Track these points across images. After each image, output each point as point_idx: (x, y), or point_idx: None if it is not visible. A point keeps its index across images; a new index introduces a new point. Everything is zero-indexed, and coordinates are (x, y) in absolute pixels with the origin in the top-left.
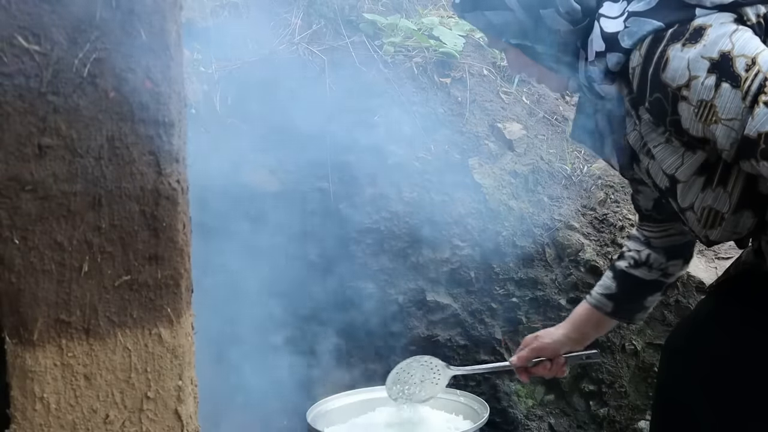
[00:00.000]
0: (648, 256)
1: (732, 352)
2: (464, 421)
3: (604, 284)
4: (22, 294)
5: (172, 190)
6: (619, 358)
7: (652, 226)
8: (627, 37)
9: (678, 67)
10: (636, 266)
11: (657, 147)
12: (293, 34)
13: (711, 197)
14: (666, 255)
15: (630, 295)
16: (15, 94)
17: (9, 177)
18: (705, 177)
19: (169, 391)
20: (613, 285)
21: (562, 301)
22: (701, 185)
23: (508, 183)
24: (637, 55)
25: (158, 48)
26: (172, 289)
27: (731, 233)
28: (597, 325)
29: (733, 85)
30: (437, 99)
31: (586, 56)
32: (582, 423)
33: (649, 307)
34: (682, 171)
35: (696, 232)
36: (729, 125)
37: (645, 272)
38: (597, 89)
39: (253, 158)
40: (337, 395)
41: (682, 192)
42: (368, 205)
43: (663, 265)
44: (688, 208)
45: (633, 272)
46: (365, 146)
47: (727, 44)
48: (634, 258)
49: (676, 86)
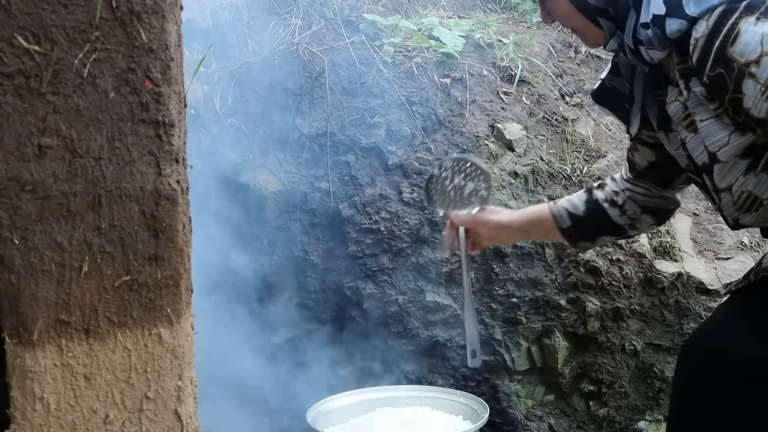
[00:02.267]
0: (625, 202)
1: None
2: (464, 421)
3: (573, 202)
4: (22, 294)
5: (172, 190)
6: (619, 359)
7: (638, 183)
8: (694, 3)
9: (750, 42)
10: (611, 205)
11: (704, 122)
12: (293, 34)
13: (753, 182)
14: (642, 209)
15: (591, 225)
16: (15, 94)
17: (9, 177)
18: (749, 160)
19: (168, 392)
20: (582, 208)
21: (562, 301)
22: (744, 168)
23: (508, 183)
24: (703, 24)
25: (158, 48)
26: (172, 290)
27: (765, 220)
28: (544, 232)
29: None
30: (437, 99)
31: (637, 16)
32: (582, 423)
33: (598, 243)
34: (725, 151)
35: (726, 213)
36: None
37: (616, 214)
38: (643, 53)
39: (253, 158)
40: (337, 395)
41: (721, 172)
42: (368, 205)
43: (636, 216)
44: (725, 189)
45: (606, 208)
46: (365, 146)
47: None
48: (612, 197)
49: (744, 62)
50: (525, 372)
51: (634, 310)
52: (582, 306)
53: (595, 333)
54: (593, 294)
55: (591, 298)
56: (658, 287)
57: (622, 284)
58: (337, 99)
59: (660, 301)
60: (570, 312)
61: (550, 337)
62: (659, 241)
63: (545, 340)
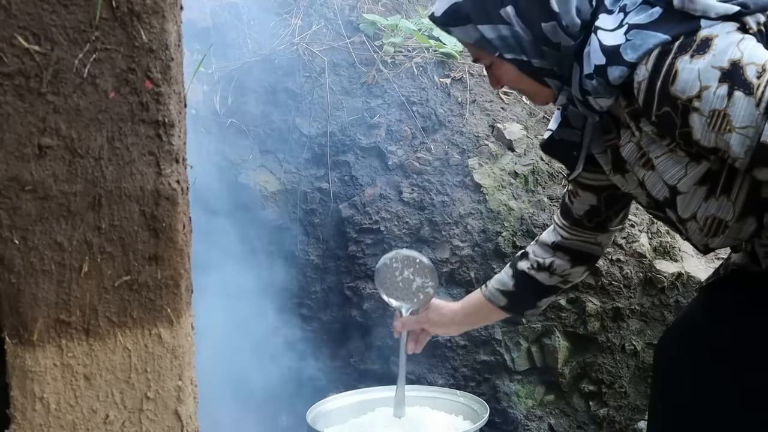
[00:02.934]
0: (552, 263)
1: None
2: (464, 421)
3: (501, 280)
4: (22, 294)
5: (172, 190)
6: (618, 359)
7: (574, 230)
8: (630, 50)
9: (688, 79)
10: (538, 270)
11: (659, 158)
12: (293, 34)
13: (714, 206)
14: (572, 261)
15: (525, 295)
16: (15, 94)
17: (9, 177)
18: (707, 186)
19: (168, 392)
20: (510, 283)
21: (562, 301)
22: (703, 195)
23: (508, 183)
24: (643, 68)
25: (158, 48)
26: (172, 290)
27: (733, 239)
28: (486, 316)
29: (746, 92)
30: (437, 99)
31: (581, 69)
32: (582, 423)
33: (541, 307)
34: (684, 181)
35: (695, 241)
36: (743, 133)
37: (545, 277)
38: (592, 102)
39: (253, 158)
40: (336, 395)
41: (683, 202)
42: (368, 205)
43: (566, 272)
44: (689, 219)
45: (533, 275)
46: (365, 146)
47: (735, 53)
48: (537, 262)
49: (686, 98)
50: (525, 372)
51: (634, 310)
52: (582, 306)
53: (595, 333)
54: (593, 294)
55: (591, 298)
56: (658, 287)
57: (622, 284)
58: (337, 99)
59: (660, 301)
60: (570, 312)
61: (550, 337)
62: (659, 241)
63: (545, 340)
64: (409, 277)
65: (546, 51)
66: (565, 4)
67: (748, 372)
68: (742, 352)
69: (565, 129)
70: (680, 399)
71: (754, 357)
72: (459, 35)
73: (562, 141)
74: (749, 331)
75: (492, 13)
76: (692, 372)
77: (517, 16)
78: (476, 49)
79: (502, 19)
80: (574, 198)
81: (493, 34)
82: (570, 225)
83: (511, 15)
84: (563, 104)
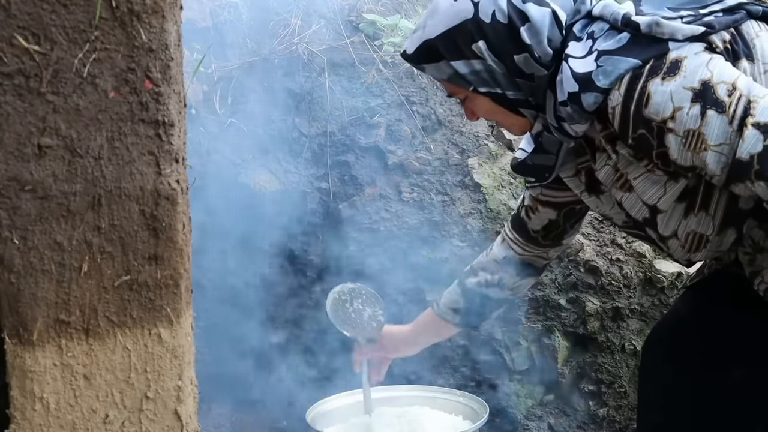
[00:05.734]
0: (500, 279)
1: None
2: (464, 421)
3: (451, 298)
4: (22, 294)
5: (172, 190)
6: (618, 358)
7: (527, 246)
8: (602, 76)
9: (661, 101)
10: (487, 285)
11: (638, 179)
12: (293, 34)
13: (694, 222)
14: (522, 275)
15: (477, 311)
16: (15, 93)
17: (9, 177)
18: (686, 203)
19: (168, 391)
20: (461, 300)
21: (562, 301)
22: (683, 211)
23: (508, 183)
24: (616, 93)
25: (158, 48)
26: (171, 289)
27: (714, 252)
28: (439, 333)
29: (718, 111)
30: (437, 99)
31: (555, 97)
32: (582, 423)
33: (493, 317)
34: (665, 200)
35: (677, 257)
36: (718, 150)
37: (495, 291)
38: (567, 128)
39: (253, 158)
40: (336, 395)
41: (663, 221)
42: (368, 205)
43: (515, 285)
44: (670, 236)
45: (483, 290)
46: (365, 146)
47: (705, 73)
48: (486, 278)
49: (660, 119)
50: (525, 372)
51: (634, 309)
52: (582, 306)
53: (595, 333)
54: (593, 294)
55: (591, 298)
56: (658, 287)
57: (622, 284)
58: (337, 99)
59: (660, 301)
60: (570, 312)
61: (550, 337)
62: None
63: (545, 339)
64: (359, 308)
65: (520, 82)
66: (536, 35)
67: (734, 369)
68: (727, 350)
69: (540, 155)
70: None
71: (740, 354)
72: (432, 72)
73: (535, 165)
74: (735, 328)
75: (464, 48)
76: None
77: (489, 50)
78: (450, 84)
79: (474, 54)
80: (533, 214)
81: (466, 69)
82: (524, 241)
83: (483, 50)
84: (538, 131)
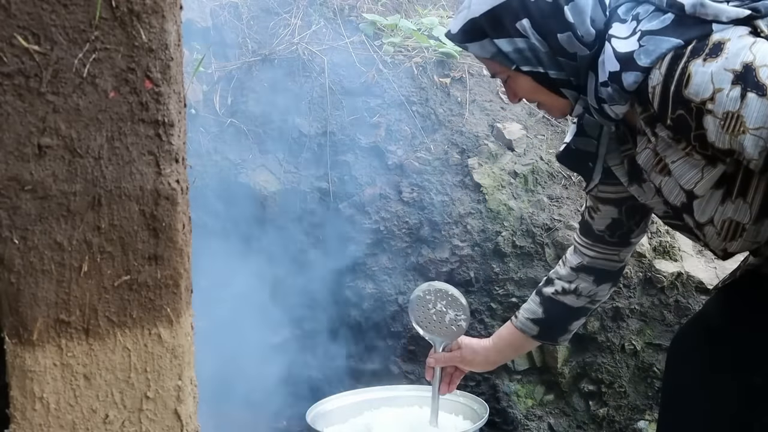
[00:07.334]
0: (576, 287)
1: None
2: (464, 421)
3: (530, 308)
4: (22, 294)
5: (172, 190)
6: (618, 358)
7: (597, 248)
8: (644, 55)
9: (701, 82)
10: (564, 294)
11: (675, 162)
12: (293, 34)
13: (731, 209)
14: (597, 281)
15: (556, 321)
16: (15, 93)
17: (9, 177)
18: (723, 189)
19: (168, 391)
20: (539, 310)
21: None
22: (720, 198)
23: (507, 183)
24: (657, 73)
25: (158, 48)
26: (171, 289)
27: (751, 243)
28: (518, 347)
29: (759, 94)
30: (437, 99)
31: (596, 77)
32: (581, 423)
33: (573, 330)
34: (701, 185)
35: (713, 246)
36: (757, 134)
37: (573, 299)
38: (607, 110)
39: (252, 158)
40: (336, 395)
41: (700, 207)
42: (368, 205)
43: (592, 292)
44: (706, 223)
45: (560, 299)
46: (365, 146)
47: (748, 56)
48: (563, 286)
49: (700, 101)
50: (525, 372)
51: (634, 309)
52: None
53: (595, 333)
54: None
55: None
56: (658, 287)
57: (622, 284)
58: (337, 99)
59: (660, 301)
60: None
61: None
62: (659, 241)
63: None
64: (442, 310)
65: (562, 62)
66: (579, 14)
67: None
68: (759, 353)
69: (582, 138)
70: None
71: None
72: (476, 51)
73: (578, 151)
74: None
75: (508, 26)
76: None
77: (533, 28)
78: (493, 64)
79: (518, 33)
80: (595, 213)
81: (509, 47)
82: (592, 243)
83: (527, 28)
84: (579, 114)
